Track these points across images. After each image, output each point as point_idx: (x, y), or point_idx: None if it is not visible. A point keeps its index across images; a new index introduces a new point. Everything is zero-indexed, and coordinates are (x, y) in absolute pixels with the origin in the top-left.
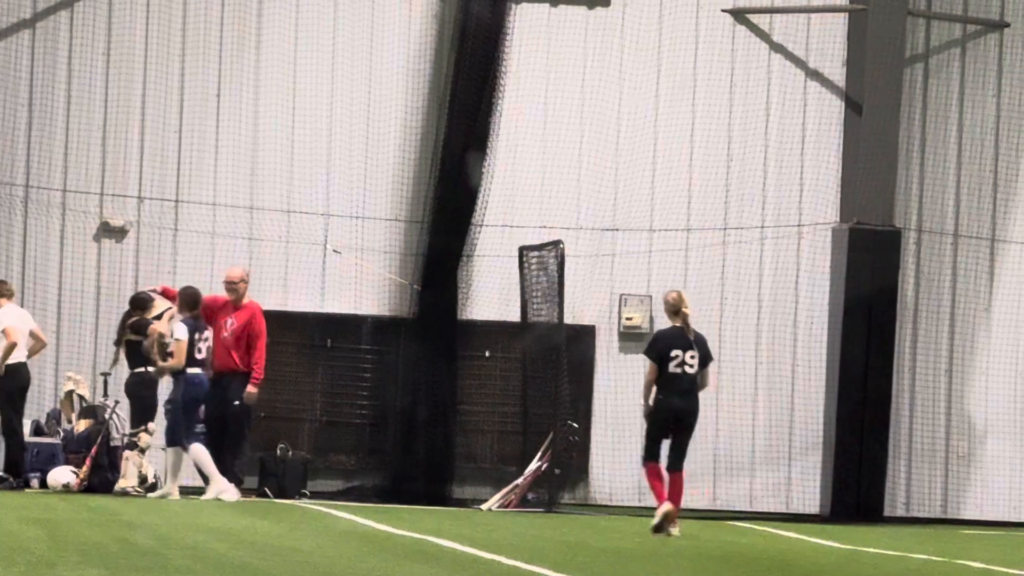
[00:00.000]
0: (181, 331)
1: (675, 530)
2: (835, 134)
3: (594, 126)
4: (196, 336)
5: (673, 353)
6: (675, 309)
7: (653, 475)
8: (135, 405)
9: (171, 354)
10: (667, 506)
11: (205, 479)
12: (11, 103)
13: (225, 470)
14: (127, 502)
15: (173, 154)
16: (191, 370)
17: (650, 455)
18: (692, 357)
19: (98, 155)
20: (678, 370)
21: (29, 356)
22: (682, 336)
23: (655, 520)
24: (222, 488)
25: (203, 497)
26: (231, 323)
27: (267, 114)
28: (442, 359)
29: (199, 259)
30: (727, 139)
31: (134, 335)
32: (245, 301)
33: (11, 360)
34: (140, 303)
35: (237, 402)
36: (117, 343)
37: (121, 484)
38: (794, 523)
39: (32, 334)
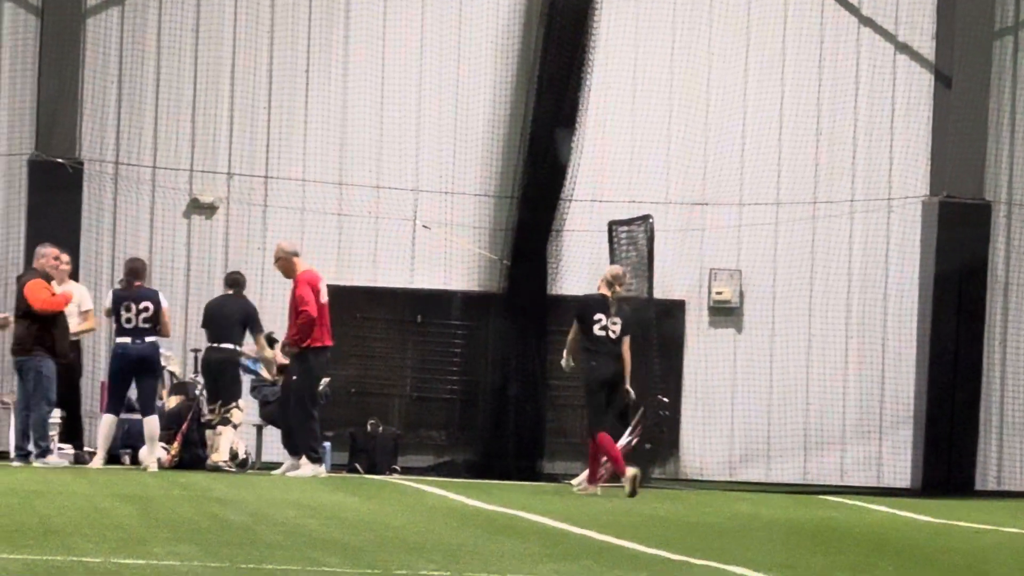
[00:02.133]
0: (107, 299)
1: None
2: (925, 107)
3: (683, 100)
4: (126, 306)
5: (597, 316)
6: (611, 283)
7: (608, 445)
8: (221, 382)
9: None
10: (633, 470)
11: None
12: (101, 80)
13: (293, 446)
14: (218, 478)
15: (262, 130)
16: (118, 339)
17: (601, 424)
18: (615, 324)
19: (188, 131)
20: (602, 333)
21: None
22: (604, 302)
23: (627, 489)
24: (97, 465)
25: (90, 465)
26: (288, 299)
27: (356, 89)
28: (532, 334)
29: (289, 235)
30: (816, 113)
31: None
32: (298, 273)
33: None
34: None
35: (295, 377)
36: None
37: (214, 459)
38: (885, 497)
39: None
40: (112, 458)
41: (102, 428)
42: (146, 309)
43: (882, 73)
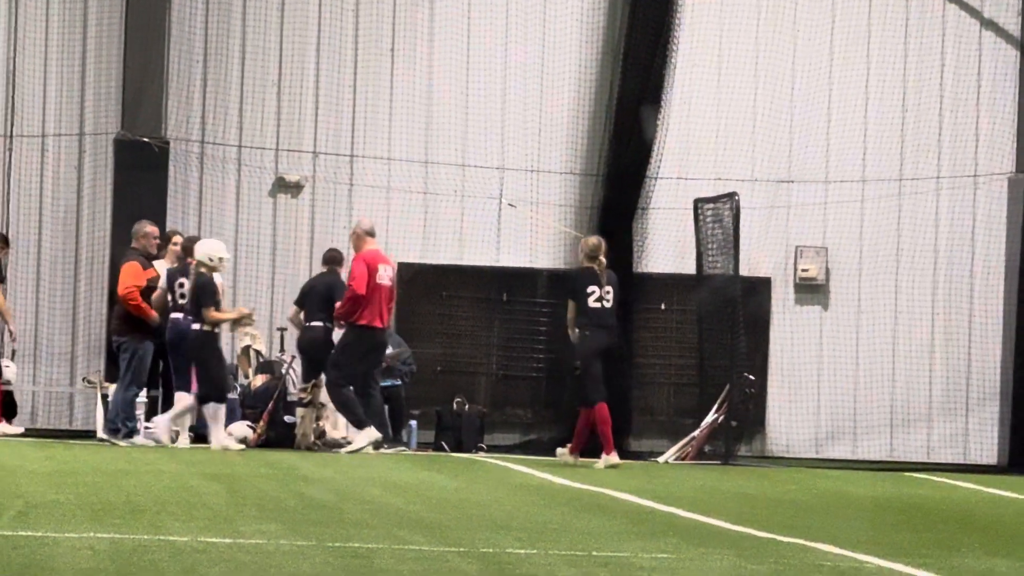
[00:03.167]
0: (162, 279)
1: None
2: (1010, 83)
3: (768, 77)
4: (179, 283)
5: (590, 289)
6: (593, 255)
7: (605, 418)
8: (312, 361)
9: None
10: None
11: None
12: (186, 59)
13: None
14: (304, 457)
15: (348, 109)
16: (171, 316)
17: (599, 393)
18: (608, 293)
19: (273, 110)
20: (598, 304)
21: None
22: (595, 275)
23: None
24: (183, 443)
25: (177, 444)
26: None
27: (441, 68)
28: (618, 312)
29: (374, 214)
30: (902, 89)
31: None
32: (362, 251)
33: None
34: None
35: (333, 350)
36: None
37: (333, 435)
38: (971, 474)
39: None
40: (199, 437)
41: (176, 407)
42: None
43: (968, 49)
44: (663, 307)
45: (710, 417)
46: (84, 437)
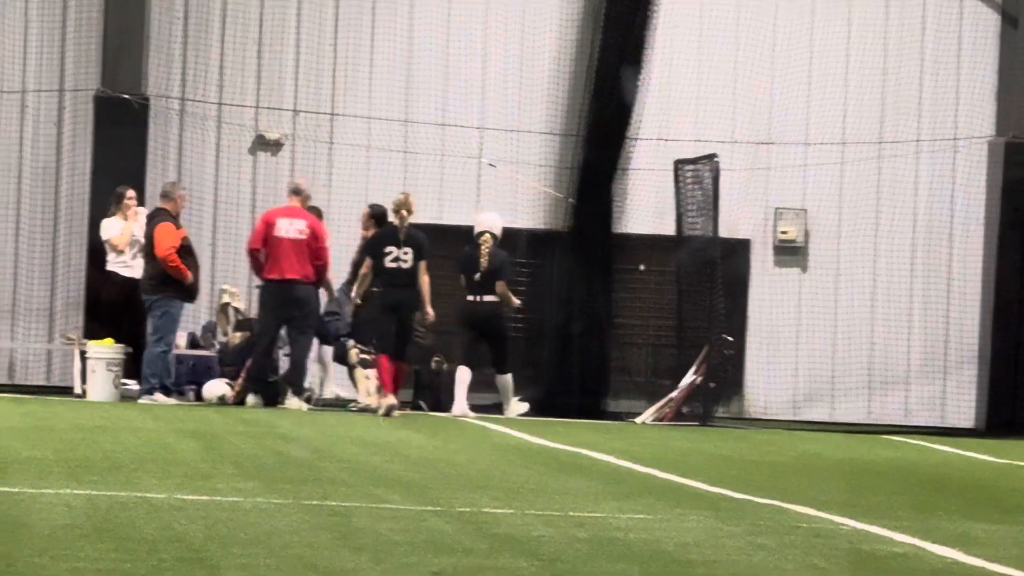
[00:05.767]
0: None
1: (397, 413)
2: (991, 47)
3: (750, 39)
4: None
5: (388, 249)
6: (396, 210)
7: (385, 368)
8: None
9: None
10: (391, 399)
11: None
12: (167, 16)
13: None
14: (282, 414)
15: (328, 67)
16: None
17: (384, 347)
18: (406, 253)
19: (253, 68)
20: (394, 265)
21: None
22: (395, 235)
23: (382, 411)
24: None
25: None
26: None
27: (422, 26)
28: (597, 272)
29: (354, 172)
30: (883, 52)
31: None
32: None
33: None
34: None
35: None
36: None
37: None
38: (949, 437)
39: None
40: (179, 395)
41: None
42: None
43: (948, 12)
44: (642, 268)
45: (688, 378)
46: (61, 393)
